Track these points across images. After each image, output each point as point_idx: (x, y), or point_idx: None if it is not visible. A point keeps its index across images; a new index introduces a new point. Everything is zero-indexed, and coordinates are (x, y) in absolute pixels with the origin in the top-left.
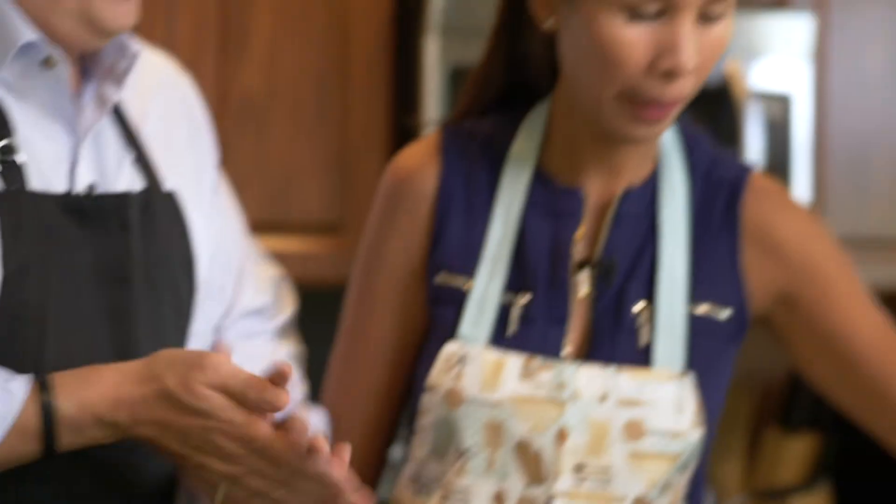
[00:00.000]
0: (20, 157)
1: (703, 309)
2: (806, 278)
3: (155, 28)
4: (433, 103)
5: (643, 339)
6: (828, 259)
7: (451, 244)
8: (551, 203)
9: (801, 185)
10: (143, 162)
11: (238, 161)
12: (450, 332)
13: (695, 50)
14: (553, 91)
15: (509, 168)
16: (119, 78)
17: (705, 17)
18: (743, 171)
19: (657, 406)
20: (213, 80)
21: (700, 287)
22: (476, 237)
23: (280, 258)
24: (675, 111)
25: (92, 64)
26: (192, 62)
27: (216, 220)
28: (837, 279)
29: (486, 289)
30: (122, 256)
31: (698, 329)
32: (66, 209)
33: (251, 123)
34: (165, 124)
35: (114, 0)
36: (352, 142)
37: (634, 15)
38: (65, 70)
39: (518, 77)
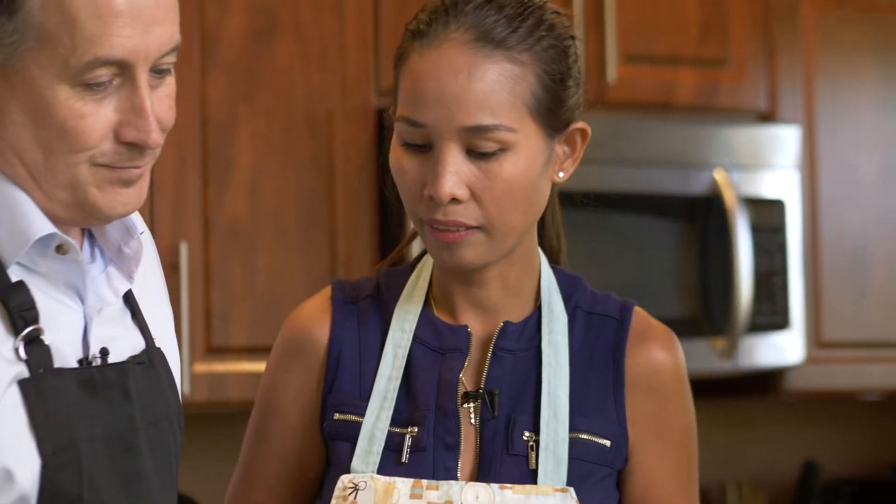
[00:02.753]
0: (46, 339)
1: (584, 436)
2: (656, 432)
3: None
4: None
5: (532, 463)
6: (678, 429)
7: (345, 386)
8: (438, 340)
9: (796, 292)
10: (139, 320)
11: (225, 287)
12: (346, 466)
13: (457, 180)
14: None
15: (398, 312)
16: (129, 267)
17: (475, 153)
18: (626, 310)
19: None
20: (198, 209)
21: (582, 419)
22: (368, 377)
23: None
24: (471, 238)
25: (98, 234)
26: (175, 190)
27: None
28: (675, 450)
29: (374, 423)
30: (128, 426)
31: (579, 452)
32: (80, 383)
33: (237, 250)
34: (144, 278)
35: (112, 189)
36: (339, 265)
37: (408, 146)
38: (77, 255)
39: None
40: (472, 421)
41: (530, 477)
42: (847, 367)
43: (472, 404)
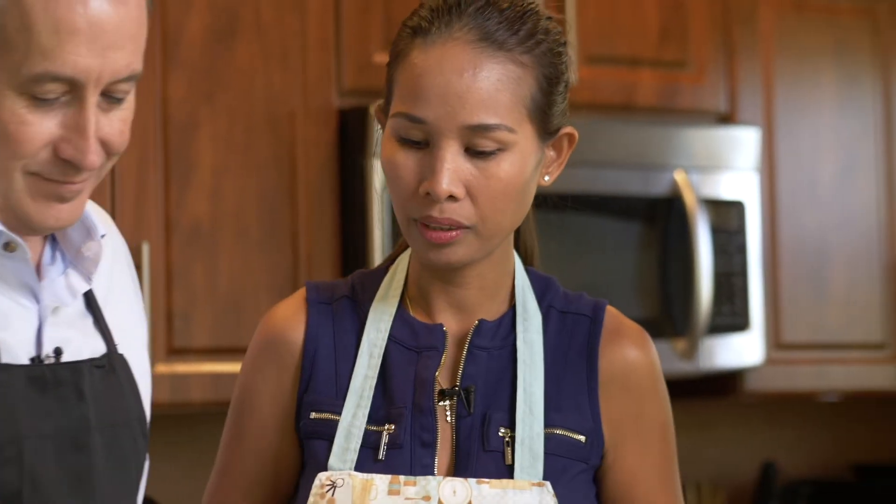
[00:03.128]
0: None
1: (559, 431)
2: (634, 430)
3: None
4: (379, 223)
5: (508, 458)
6: (656, 425)
7: (321, 385)
8: (413, 339)
9: (755, 293)
10: (101, 325)
11: (187, 288)
12: (323, 464)
13: (455, 178)
14: None
15: (373, 311)
16: (88, 268)
17: (474, 151)
18: (599, 309)
19: None
20: (159, 210)
21: (557, 414)
22: (344, 376)
23: (234, 381)
24: (462, 237)
25: (60, 236)
26: (136, 190)
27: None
28: (654, 446)
29: (351, 421)
30: (80, 425)
31: (554, 447)
32: (29, 380)
33: (199, 250)
34: (111, 290)
35: (45, 202)
36: (302, 265)
37: (404, 141)
38: (25, 253)
39: None
40: (449, 418)
41: (507, 472)
42: (806, 369)
43: (448, 402)
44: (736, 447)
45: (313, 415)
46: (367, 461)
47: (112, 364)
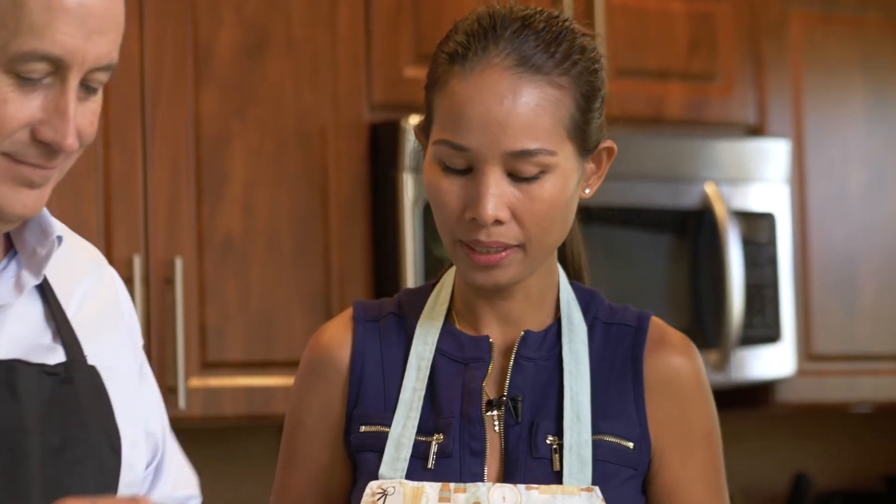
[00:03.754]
0: None
1: (607, 438)
2: (680, 437)
3: (132, 175)
4: (411, 236)
5: (556, 465)
6: (702, 432)
7: (370, 399)
8: (460, 351)
9: (786, 305)
10: (63, 336)
11: (220, 302)
12: (374, 476)
13: (499, 203)
14: None
15: (421, 326)
16: (39, 264)
17: (516, 175)
18: (643, 320)
19: None
20: (192, 224)
21: (605, 422)
22: (392, 390)
23: (266, 394)
24: (510, 258)
25: (17, 242)
26: (169, 205)
27: (141, 406)
28: (700, 453)
29: (401, 432)
30: (11, 424)
31: (603, 454)
32: None
33: (232, 264)
34: (89, 307)
35: (14, 186)
36: (333, 280)
37: (446, 168)
38: None
39: None
40: (497, 428)
41: (555, 478)
42: (838, 380)
43: (495, 412)
44: (767, 459)
45: (363, 428)
46: (418, 470)
47: (71, 374)
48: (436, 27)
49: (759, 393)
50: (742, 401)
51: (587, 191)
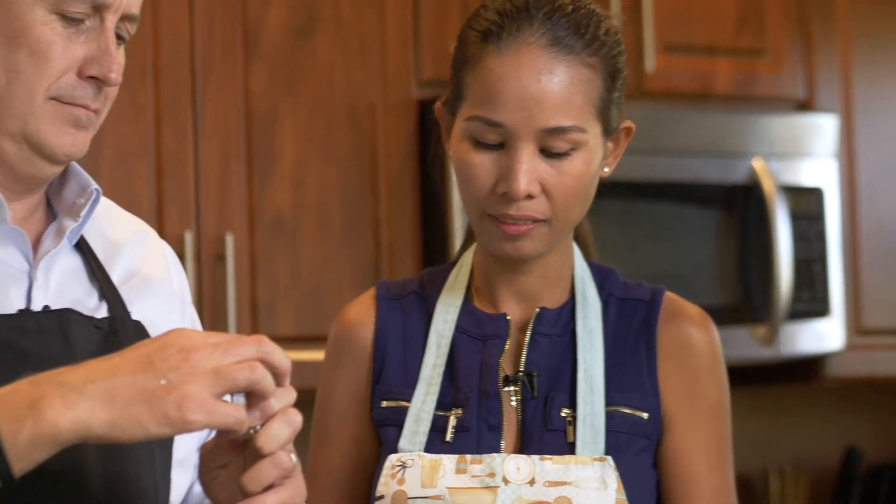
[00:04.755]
0: None
1: (621, 409)
2: (687, 405)
3: (184, 149)
4: (459, 212)
5: (569, 437)
6: (710, 403)
7: (392, 375)
8: (478, 328)
9: (835, 279)
10: (108, 296)
11: (270, 278)
12: (394, 449)
13: (531, 178)
14: None
15: (440, 305)
16: (78, 211)
17: (548, 151)
18: (657, 294)
19: (582, 484)
20: (243, 201)
21: (619, 394)
22: (413, 366)
23: (316, 369)
24: (537, 230)
25: (57, 203)
26: (220, 182)
27: None
28: (707, 423)
29: (421, 406)
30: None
31: (617, 424)
32: (9, 328)
33: (282, 240)
34: (133, 272)
35: (61, 128)
36: (383, 256)
37: (478, 143)
38: (5, 212)
39: None
40: (513, 402)
41: (569, 450)
42: (887, 354)
43: (512, 387)
44: (817, 433)
45: (384, 403)
46: (436, 443)
47: (115, 328)
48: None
49: (809, 367)
50: (792, 375)
51: (606, 169)
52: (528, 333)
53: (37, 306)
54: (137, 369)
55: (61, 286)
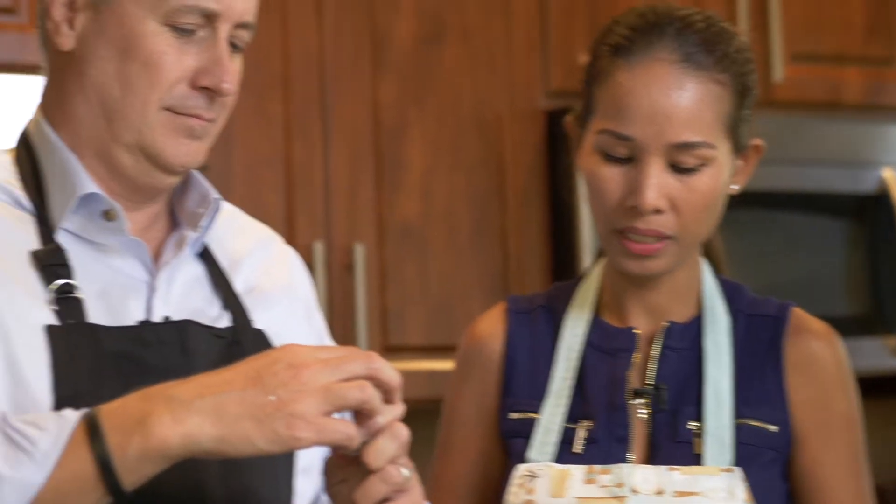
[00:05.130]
0: (78, 293)
1: (750, 422)
2: (820, 419)
3: (313, 160)
4: (588, 223)
5: (696, 448)
6: (842, 416)
7: (520, 388)
8: (606, 342)
9: None
10: (230, 305)
11: (400, 287)
12: (523, 459)
13: (659, 193)
14: None
15: (568, 319)
16: (198, 222)
17: (677, 167)
18: (784, 309)
19: (710, 495)
20: (371, 210)
21: (746, 407)
22: (541, 379)
23: (446, 378)
24: (665, 248)
25: (179, 212)
26: (349, 192)
27: None
28: (840, 436)
29: (550, 418)
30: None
31: (745, 436)
32: (130, 339)
33: (411, 250)
34: (257, 280)
35: (176, 137)
36: (511, 266)
37: (608, 157)
38: (123, 222)
39: None
40: (641, 415)
41: (696, 461)
42: None
43: (640, 400)
44: None
45: (513, 415)
46: (565, 454)
47: (238, 336)
48: (611, 13)
49: None
50: None
51: (734, 186)
52: (657, 347)
53: (157, 317)
54: (247, 385)
55: (183, 296)
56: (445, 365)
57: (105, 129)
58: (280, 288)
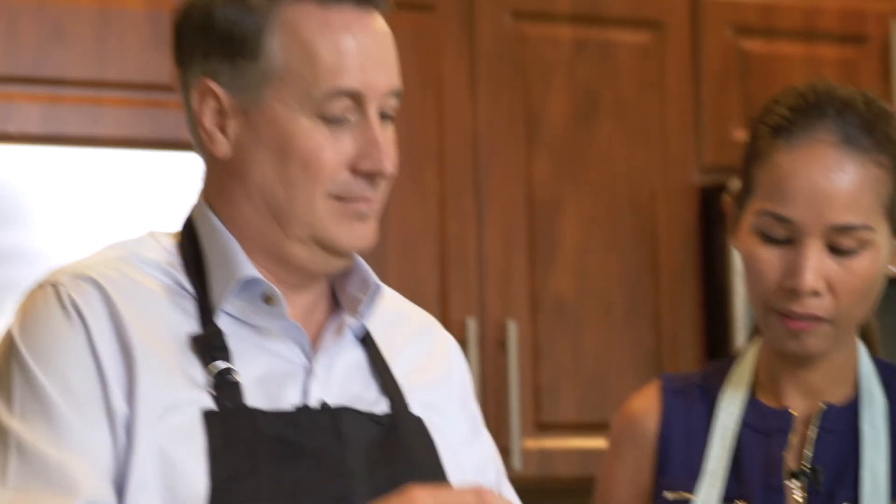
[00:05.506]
0: (236, 377)
1: None
2: None
3: (467, 235)
4: (742, 301)
5: None
6: None
7: (675, 467)
8: (762, 423)
9: None
10: (389, 390)
11: (553, 364)
12: None
13: (818, 275)
14: None
15: (724, 398)
16: (359, 309)
17: (836, 249)
18: None
19: None
20: (524, 285)
21: None
22: (696, 458)
23: (599, 456)
24: (821, 328)
25: (341, 295)
26: (503, 268)
27: (472, 459)
28: None
29: (706, 498)
30: (337, 470)
31: None
32: (284, 424)
33: (564, 326)
34: (417, 366)
35: (348, 223)
36: (664, 342)
37: (766, 238)
38: (283, 307)
39: None
40: (797, 497)
41: None
42: None
43: (796, 482)
44: None
45: (668, 494)
46: None
47: (395, 422)
48: (764, 90)
49: None
50: None
51: (893, 268)
52: (813, 429)
53: (313, 401)
54: None
55: (341, 381)
56: (598, 443)
57: (276, 228)
58: (438, 375)
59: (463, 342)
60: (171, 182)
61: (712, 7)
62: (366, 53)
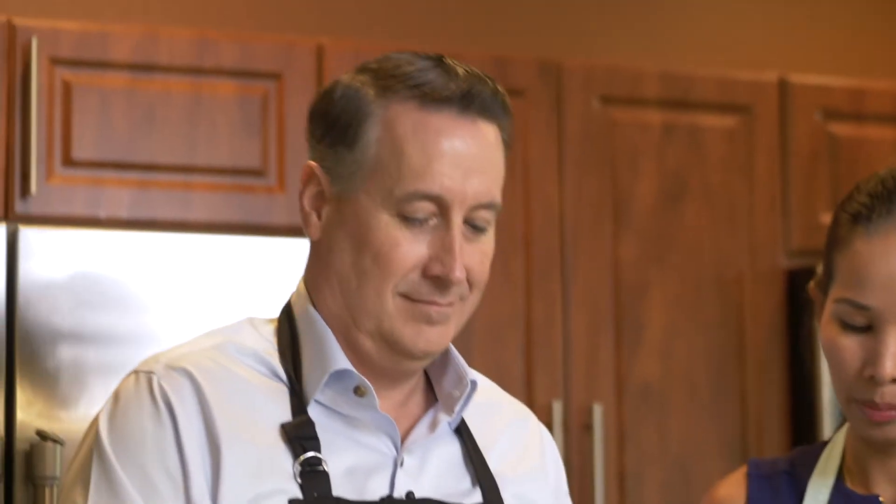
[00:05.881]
0: (325, 467)
1: None
2: None
3: (553, 318)
4: (828, 385)
5: None
6: None
7: None
8: None
9: None
10: (482, 481)
11: (638, 448)
12: None
13: None
14: None
15: (811, 485)
16: (453, 405)
17: None
18: None
19: None
20: (610, 368)
21: None
22: None
23: None
24: None
25: (437, 389)
26: (588, 351)
27: None
28: None
29: None
30: None
31: None
32: None
33: (649, 410)
34: (511, 457)
35: (416, 324)
36: (750, 427)
37: (846, 325)
38: (373, 399)
39: None
40: None
41: None
42: None
43: None
44: None
45: None
46: None
47: None
48: (853, 173)
49: None
50: None
51: None
52: None
53: (399, 492)
54: None
55: (435, 475)
56: None
57: (348, 316)
58: (533, 468)
59: (548, 426)
60: (261, 267)
61: (801, 91)
62: (457, 160)
